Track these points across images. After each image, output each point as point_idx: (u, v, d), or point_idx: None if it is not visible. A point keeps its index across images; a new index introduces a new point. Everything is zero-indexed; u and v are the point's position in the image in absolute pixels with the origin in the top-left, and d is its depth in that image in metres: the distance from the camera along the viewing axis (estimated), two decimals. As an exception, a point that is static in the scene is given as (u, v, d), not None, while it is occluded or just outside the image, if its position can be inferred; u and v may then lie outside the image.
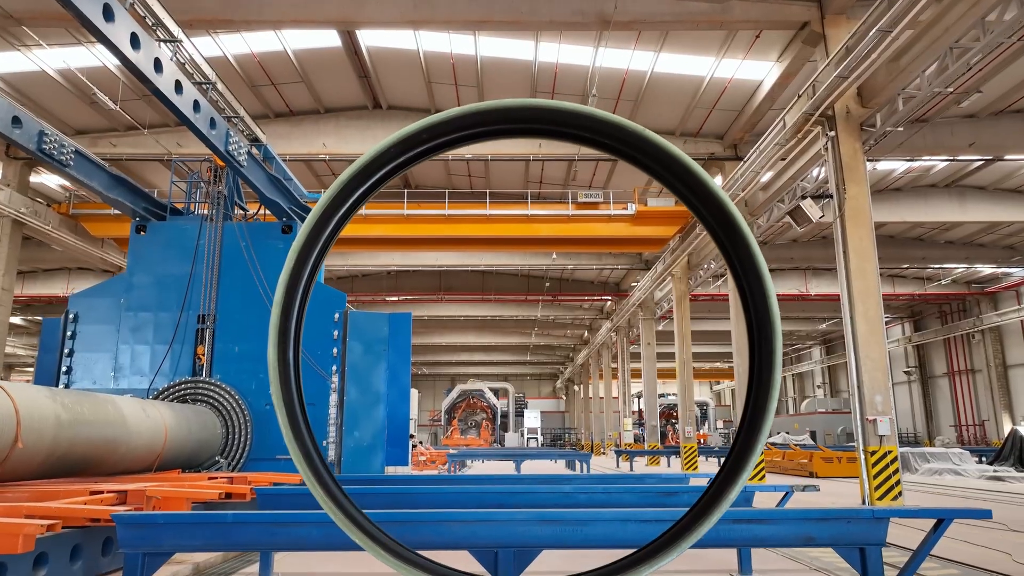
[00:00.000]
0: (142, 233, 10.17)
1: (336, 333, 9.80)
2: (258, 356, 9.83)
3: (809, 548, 6.32)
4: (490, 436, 55.89)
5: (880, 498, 11.69)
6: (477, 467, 25.46)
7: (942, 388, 42.25)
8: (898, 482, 11.77)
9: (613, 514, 3.81)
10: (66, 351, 9.81)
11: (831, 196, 13.14)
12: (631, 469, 26.05)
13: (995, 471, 20.12)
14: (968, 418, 39.71)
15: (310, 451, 1.82)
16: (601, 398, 49.52)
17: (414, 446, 23.94)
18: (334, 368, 9.70)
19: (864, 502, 11.90)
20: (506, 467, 23.43)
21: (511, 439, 54.68)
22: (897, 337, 44.20)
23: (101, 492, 5.23)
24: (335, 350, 9.75)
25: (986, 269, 31.39)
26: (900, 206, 23.62)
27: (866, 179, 12.80)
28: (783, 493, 5.97)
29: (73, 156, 8.32)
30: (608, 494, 6.02)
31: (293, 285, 1.87)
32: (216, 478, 7.21)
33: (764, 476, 18.19)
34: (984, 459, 25.97)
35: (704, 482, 8.47)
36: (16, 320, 40.83)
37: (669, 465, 28.83)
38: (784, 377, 63.35)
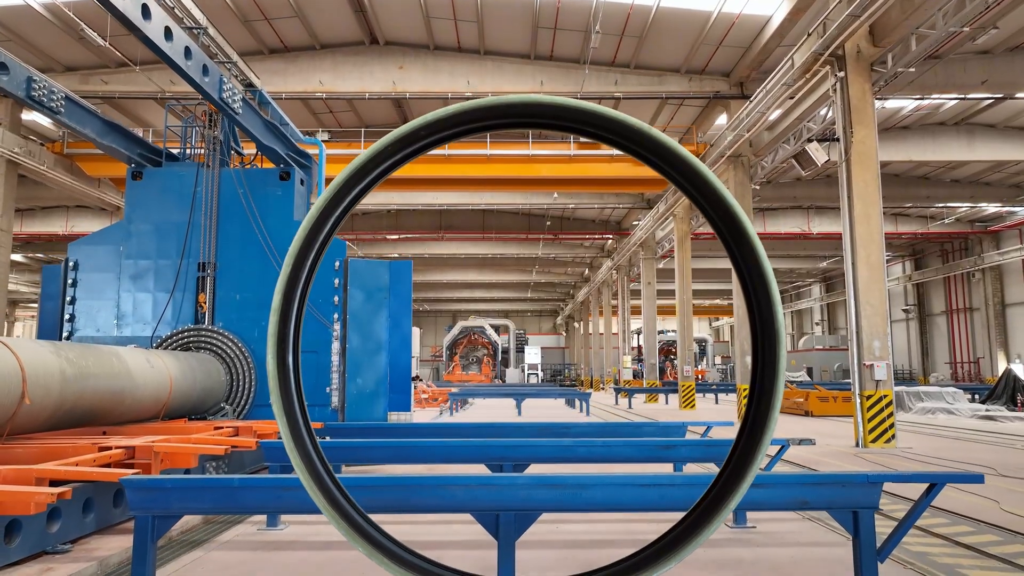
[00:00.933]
0: (138, 180, 10.04)
1: (337, 281, 9.79)
2: (259, 304, 9.85)
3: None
4: (491, 372, 56.73)
5: (873, 441, 11.93)
6: (478, 405, 25.91)
7: (939, 326, 42.58)
8: (892, 425, 11.99)
9: (611, 478, 3.88)
10: (68, 299, 9.83)
11: (838, 139, 12.91)
12: (629, 406, 26.52)
13: (987, 410, 20.47)
14: (963, 356, 40.18)
15: (311, 455, 1.82)
16: (601, 334, 50.00)
17: (416, 383, 24.31)
18: (336, 316, 9.74)
19: (858, 444, 12.15)
20: (507, 406, 23.84)
21: (512, 375, 55.50)
22: (897, 275, 44.27)
23: (109, 448, 5.33)
24: (336, 298, 9.76)
25: (991, 208, 31.10)
26: (907, 145, 23.25)
27: (874, 122, 12.54)
28: (779, 447, 6.07)
29: (64, 103, 8.12)
30: (608, 447, 6.14)
31: (291, 290, 1.84)
32: (222, 428, 7.34)
33: (760, 415, 18.51)
34: (977, 397, 26.42)
35: (700, 431, 8.63)
36: (17, 257, 40.89)
37: (667, 402, 29.32)
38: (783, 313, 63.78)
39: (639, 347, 56.50)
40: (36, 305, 54.78)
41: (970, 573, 4.62)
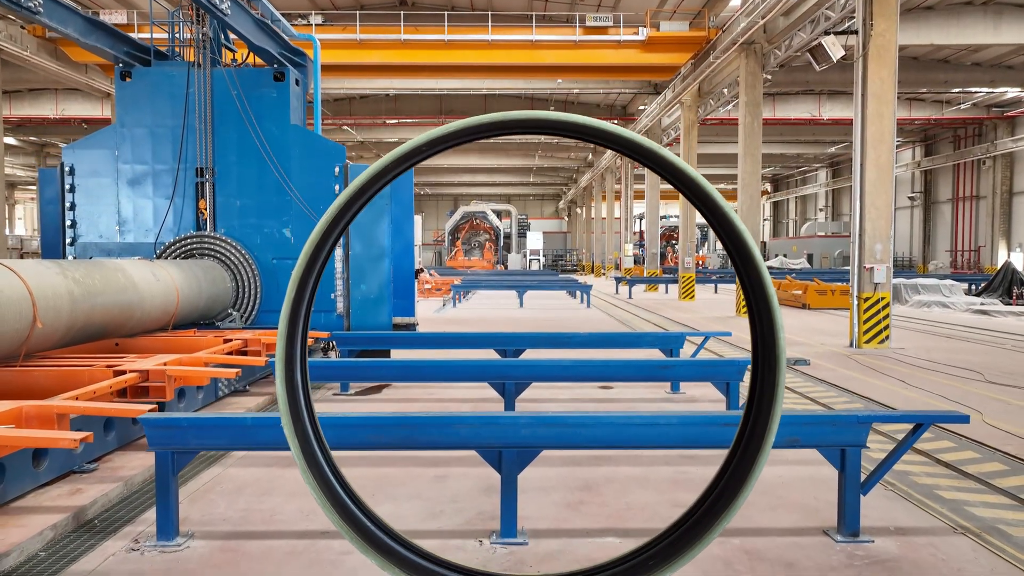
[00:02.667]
0: (127, 80, 9.67)
1: (337, 188, 9.66)
2: (260, 211, 9.78)
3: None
4: (493, 257, 57.11)
5: (867, 342, 12.21)
6: (481, 296, 26.28)
7: (943, 214, 42.33)
8: (886, 327, 12.23)
9: (609, 418, 4.03)
10: (68, 205, 9.75)
11: (856, 32, 12.29)
12: (630, 296, 26.90)
13: (982, 303, 20.77)
14: (965, 244, 40.23)
15: (325, 474, 1.90)
16: (603, 218, 49.89)
17: (419, 275, 24.53)
18: (337, 223, 9.70)
19: (852, 345, 12.44)
20: (508, 299, 24.19)
21: (514, 260, 55.90)
22: (906, 162, 43.51)
23: (124, 372, 5.49)
24: (337, 205, 9.69)
25: (1011, 92, 30.06)
26: (929, 26, 22.11)
27: (896, 14, 11.89)
28: (774, 367, 6.23)
29: (43, 2, 7.69)
30: (608, 368, 6.31)
31: (293, 323, 1.85)
32: (231, 340, 7.51)
33: (758, 309, 18.80)
34: (974, 287, 26.71)
35: (698, 341, 8.81)
36: (11, 141, 40.21)
37: (667, 292, 29.71)
38: (787, 199, 63.23)
39: (641, 232, 56.53)
40: (34, 187, 54.51)
41: (945, 494, 4.88)
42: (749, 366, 6.25)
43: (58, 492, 4.63)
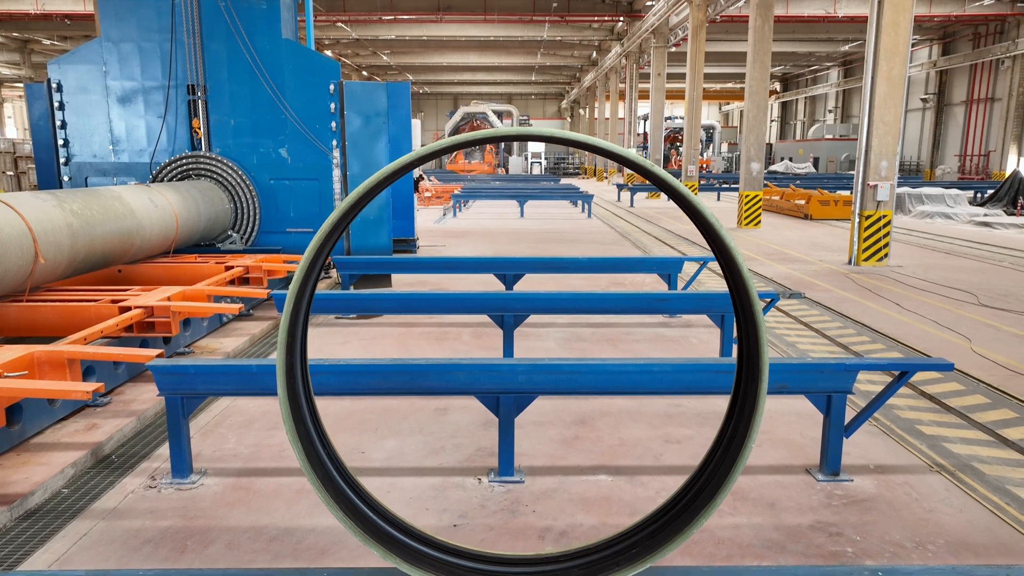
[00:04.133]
0: (109, -11, 9.25)
1: (333, 106, 9.43)
2: (255, 129, 9.57)
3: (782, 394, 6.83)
4: (494, 160, 56.21)
5: (866, 259, 12.26)
6: (481, 206, 26.09)
7: (956, 117, 41.28)
8: (886, 244, 12.24)
9: (602, 366, 4.14)
10: (58, 123, 9.55)
11: (878, -68, 11.58)
12: (631, 204, 26.73)
13: (985, 215, 20.66)
14: (975, 149, 39.47)
15: (329, 471, 1.99)
16: (607, 119, 48.77)
17: (418, 182, 24.28)
18: (334, 143, 9.52)
19: (850, 262, 12.50)
20: (509, 208, 24.02)
21: (515, 164, 55.08)
22: (921, 61, 41.98)
23: (129, 308, 5.59)
24: (333, 124, 9.48)
25: (1037, -13, 28.62)
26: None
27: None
28: (768, 300, 6.32)
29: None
30: (604, 300, 6.39)
31: (292, 334, 1.89)
32: (233, 267, 7.57)
33: (759, 217, 18.74)
34: (980, 196, 26.47)
35: (695, 267, 8.85)
36: (-8, 39, 38.76)
37: (670, 200, 29.46)
38: (796, 100, 61.50)
39: (645, 134, 55.38)
40: (21, 85, 52.88)
41: (926, 430, 5.08)
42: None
43: (75, 427, 4.83)
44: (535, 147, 55.05)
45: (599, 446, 4.76)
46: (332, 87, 9.44)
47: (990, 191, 25.93)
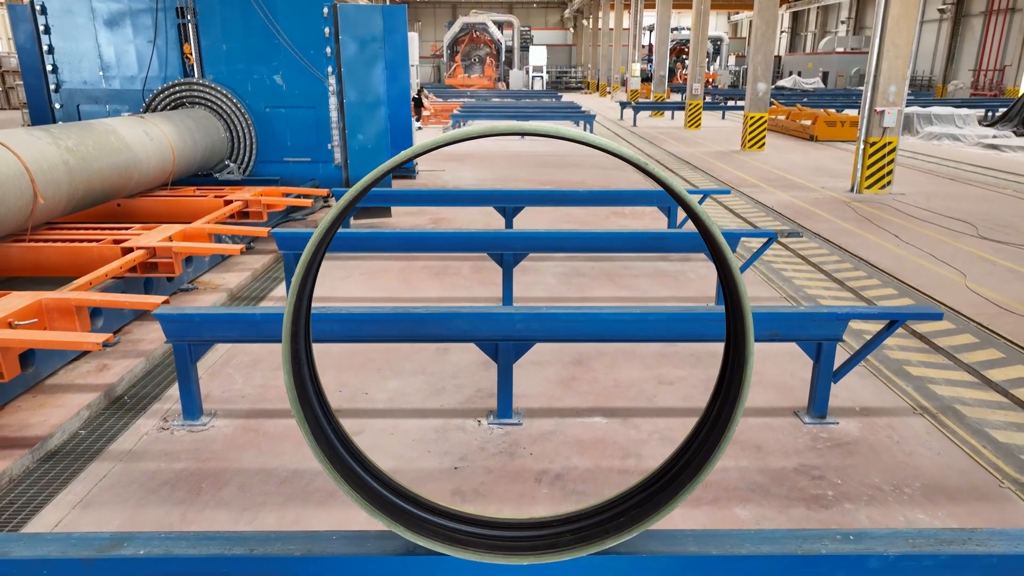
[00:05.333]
0: (88, -98, 8.80)
1: (328, 30, 9.13)
2: (248, 55, 9.31)
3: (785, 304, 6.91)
4: (494, 74, 54.70)
5: (869, 187, 12.18)
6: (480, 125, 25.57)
7: (973, 29, 39.89)
8: (890, 172, 12.13)
9: (597, 315, 4.22)
10: (45, 48, 9.29)
11: None
12: (634, 124, 26.24)
13: (994, 136, 20.32)
14: (990, 63, 38.34)
15: (340, 455, 2.10)
16: (611, 30, 47.15)
17: (419, 104, 23.74)
18: (329, 69, 9.28)
19: (852, 190, 12.43)
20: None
21: (516, 78, 53.62)
22: (942, -32, 40.20)
23: (132, 249, 5.64)
24: (328, 49, 9.21)
25: None
26: None
27: None
28: (766, 239, 6.35)
29: None
30: (601, 239, 6.43)
31: (295, 321, 1.96)
32: (232, 202, 7.56)
33: (764, 140, 18.46)
34: (991, 114, 25.96)
35: (696, 199, 8.82)
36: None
37: (673, 118, 28.90)
38: (807, 9, 59.20)
39: (650, 46, 53.58)
40: (3, 1, 50.79)
41: (913, 371, 5.22)
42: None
43: (87, 368, 4.97)
44: (536, 60, 53.45)
45: (595, 387, 4.92)
46: (326, 10, 9.13)
47: (1002, 109, 25.40)
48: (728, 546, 2.14)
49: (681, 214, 8.31)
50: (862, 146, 12.06)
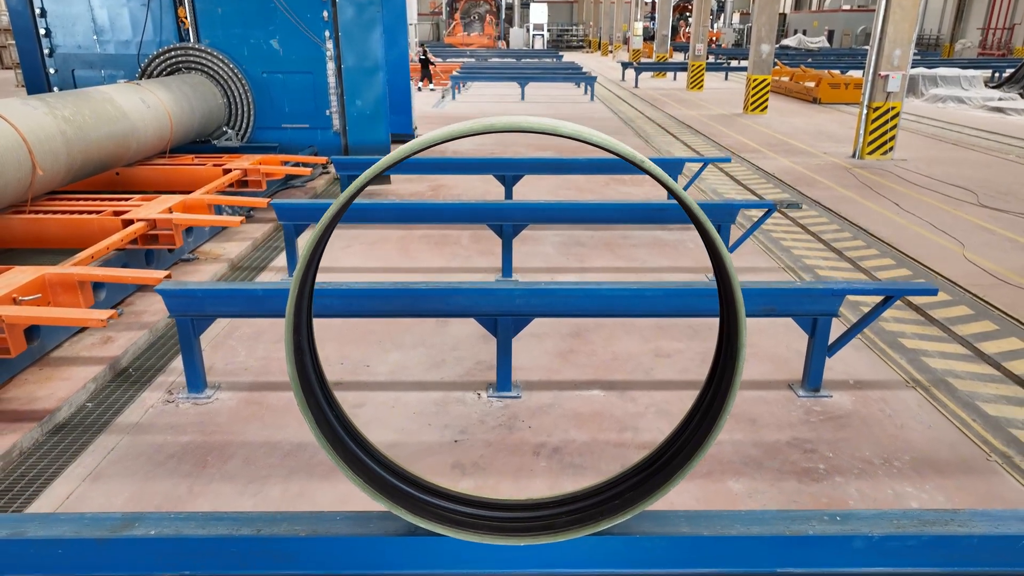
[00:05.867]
0: None
1: (323, -7, 9.00)
2: (244, 19, 9.17)
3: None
4: (494, 32, 53.77)
5: (871, 152, 12.11)
6: (480, 88, 25.24)
7: (983, -15, 39.05)
8: (892, 137, 12.05)
9: (598, 290, 4.26)
10: (37, 11, 9.15)
11: None
12: (636, 85, 25.91)
13: (1000, 99, 20.09)
14: (1000, 21, 37.65)
15: (341, 439, 2.16)
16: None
17: (430, 61, 23.43)
18: (327, 34, 9.15)
19: (854, 155, 12.35)
20: (510, 89, 23.29)
21: (516, 36, 52.73)
22: (953, -78, 39.18)
23: (132, 221, 5.65)
24: (325, 13, 9.07)
25: None
26: None
27: None
28: (765, 210, 6.35)
29: None
30: (601, 210, 6.43)
31: (298, 316, 1.99)
32: (231, 171, 7.54)
33: (766, 103, 18.27)
34: (998, 76, 25.65)
35: (697, 167, 8.78)
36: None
37: (675, 79, 28.52)
38: (815, -35, 57.84)
39: (653, 4, 52.50)
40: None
41: (908, 343, 5.28)
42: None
43: (91, 340, 5.03)
44: (537, 18, 52.49)
45: (593, 360, 4.99)
46: (322, -27, 8.97)
47: (1009, 70, 25.07)
48: (719, 527, 2.21)
49: (680, 184, 8.28)
50: (865, 111, 11.95)
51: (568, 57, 37.15)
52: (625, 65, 27.50)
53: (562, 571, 2.22)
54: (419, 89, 23.55)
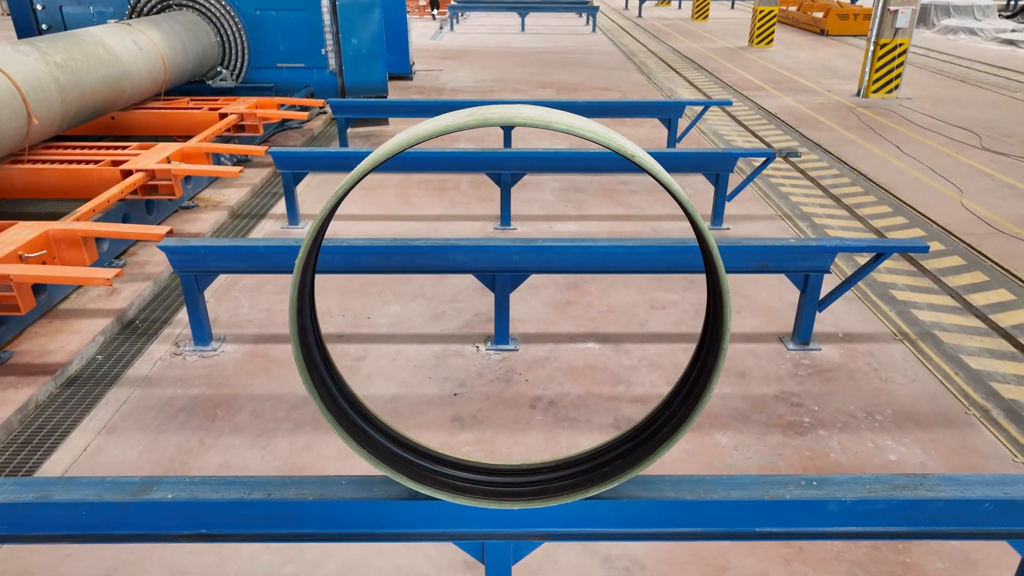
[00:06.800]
0: None
1: (316, -75, 8.69)
2: (235, -47, 8.90)
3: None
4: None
5: (876, 91, 11.93)
6: (478, 20, 24.50)
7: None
8: (898, 75, 11.84)
9: (594, 247, 4.32)
10: (22, -55, 8.86)
11: None
12: (639, 14, 25.19)
13: (1012, 31, 19.56)
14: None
15: (344, 411, 2.27)
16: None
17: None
18: (321, -32, 8.90)
19: (859, 93, 12.17)
20: (510, 20, 22.62)
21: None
22: None
23: (131, 172, 5.65)
24: (318, -53, 8.79)
25: None
26: None
27: None
28: (764, 159, 6.33)
29: None
30: (599, 161, 6.41)
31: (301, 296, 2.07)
32: (227, 116, 7.46)
33: (772, 36, 17.82)
34: (1013, 3, 24.90)
35: (698, 111, 8.67)
36: None
37: (680, 7, 27.67)
38: None
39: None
40: None
41: (899, 295, 5.38)
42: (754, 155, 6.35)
43: (97, 293, 5.12)
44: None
45: (589, 312, 5.09)
46: (314, -96, 8.64)
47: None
48: (701, 491, 2.35)
49: (681, 126, 8.22)
50: (871, 48, 11.69)
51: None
52: (629, -7, 26.66)
53: (553, 530, 2.38)
54: (433, 17, 23.07)
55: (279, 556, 3.01)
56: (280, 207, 7.01)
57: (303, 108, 8.43)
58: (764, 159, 6.32)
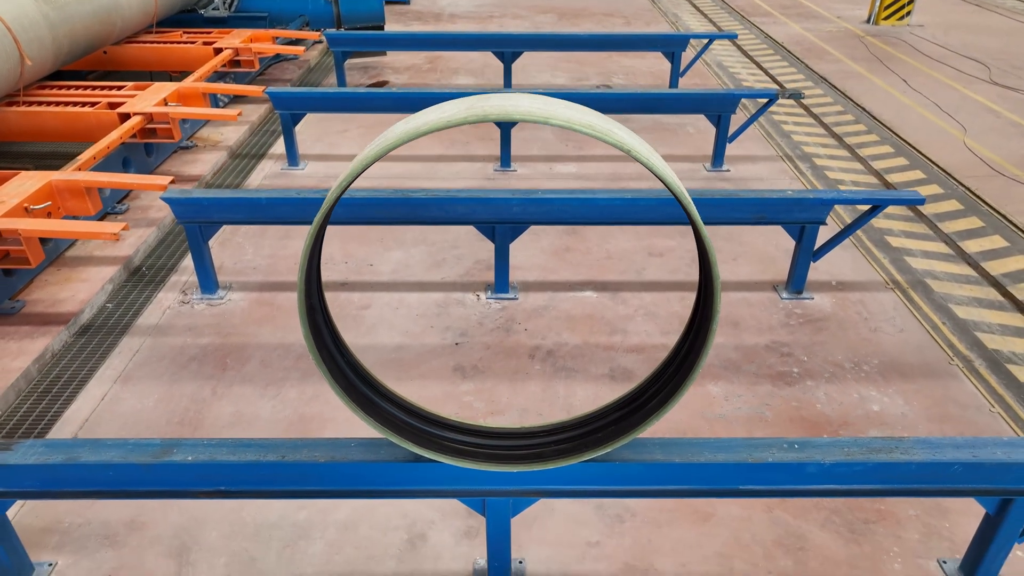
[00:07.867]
0: None
1: None
2: None
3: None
4: None
5: (886, 18, 11.60)
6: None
7: None
8: (911, 1, 11.47)
9: (592, 199, 4.36)
10: None
11: None
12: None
13: (1034, -52, 18.72)
14: None
15: (343, 372, 2.39)
16: None
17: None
18: None
19: (869, 20, 11.83)
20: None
21: None
22: None
23: (128, 115, 5.62)
24: None
25: None
26: None
27: None
28: (767, 99, 6.25)
29: None
30: (599, 99, 6.34)
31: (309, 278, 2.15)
32: (222, 51, 7.32)
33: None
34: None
35: (702, 43, 8.46)
36: None
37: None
38: None
39: None
40: None
41: (894, 241, 5.44)
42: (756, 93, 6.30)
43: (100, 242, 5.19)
44: None
45: (587, 259, 5.17)
46: None
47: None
48: (689, 454, 2.51)
49: (685, 60, 8.05)
50: (885, -28, 11.29)
51: None
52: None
53: (549, 487, 2.55)
54: None
55: (293, 502, 3.21)
56: (279, 147, 6.96)
57: (299, 42, 8.24)
58: (767, 100, 6.24)
